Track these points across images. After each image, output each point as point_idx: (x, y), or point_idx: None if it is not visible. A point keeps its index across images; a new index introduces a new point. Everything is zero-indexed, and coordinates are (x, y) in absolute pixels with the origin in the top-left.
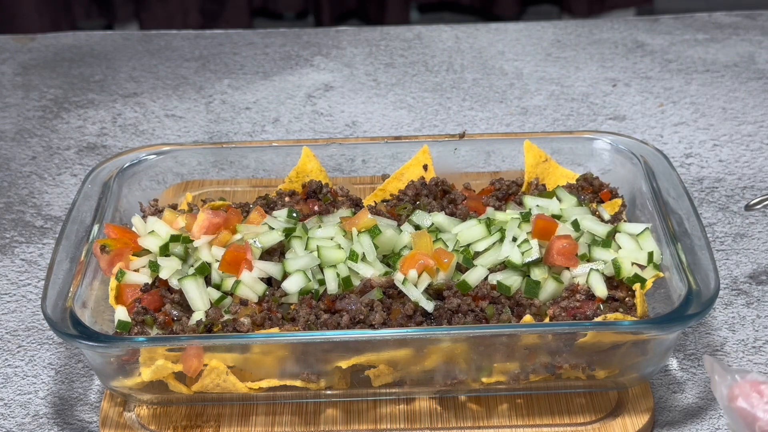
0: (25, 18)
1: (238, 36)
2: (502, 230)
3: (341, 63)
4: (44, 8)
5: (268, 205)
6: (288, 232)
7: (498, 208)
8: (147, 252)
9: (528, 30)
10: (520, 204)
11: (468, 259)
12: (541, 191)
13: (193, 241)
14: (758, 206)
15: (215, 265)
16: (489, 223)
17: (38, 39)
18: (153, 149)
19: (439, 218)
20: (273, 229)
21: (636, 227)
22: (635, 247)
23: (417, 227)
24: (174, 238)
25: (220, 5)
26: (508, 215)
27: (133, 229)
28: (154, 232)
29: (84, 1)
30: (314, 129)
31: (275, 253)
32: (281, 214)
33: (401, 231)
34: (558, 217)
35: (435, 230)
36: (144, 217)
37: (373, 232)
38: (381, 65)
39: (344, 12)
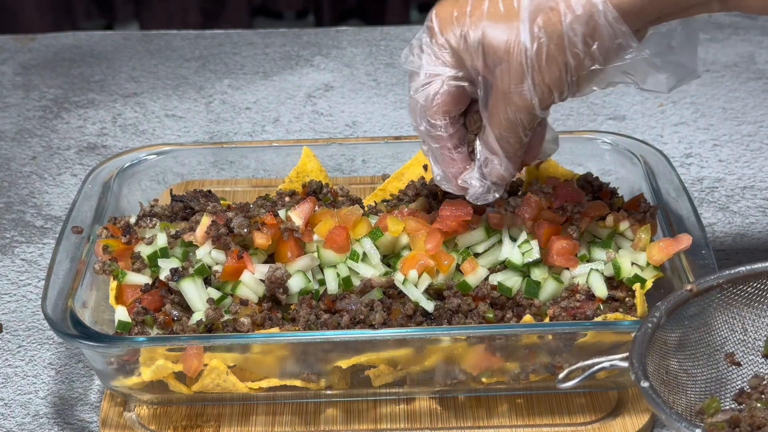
0: (26, 18)
1: (238, 36)
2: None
3: (341, 63)
4: (45, 8)
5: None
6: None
7: None
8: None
9: None
10: None
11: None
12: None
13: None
14: (571, 382)
15: (215, 268)
16: (487, 227)
17: (38, 39)
18: (153, 149)
19: None
20: None
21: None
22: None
23: None
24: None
25: (220, 4)
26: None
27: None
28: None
29: (84, 1)
30: (314, 129)
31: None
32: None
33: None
34: None
35: None
36: (141, 218)
37: (375, 234)
38: (381, 65)
39: (344, 11)
